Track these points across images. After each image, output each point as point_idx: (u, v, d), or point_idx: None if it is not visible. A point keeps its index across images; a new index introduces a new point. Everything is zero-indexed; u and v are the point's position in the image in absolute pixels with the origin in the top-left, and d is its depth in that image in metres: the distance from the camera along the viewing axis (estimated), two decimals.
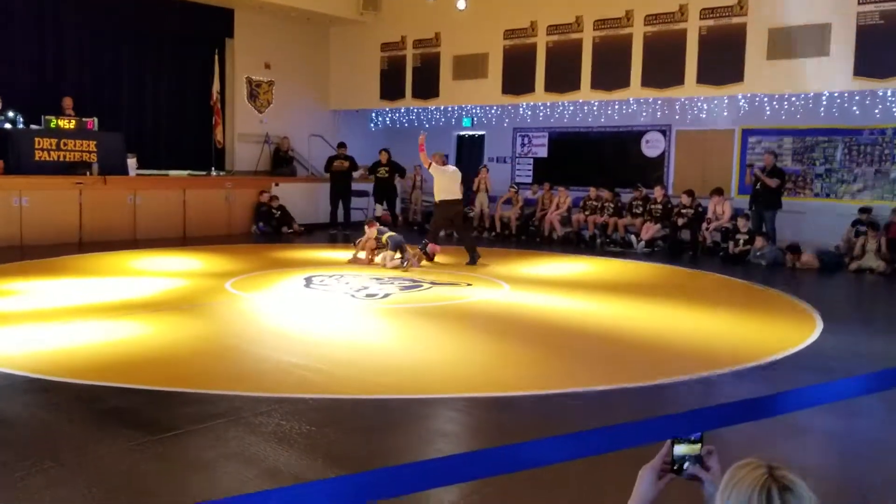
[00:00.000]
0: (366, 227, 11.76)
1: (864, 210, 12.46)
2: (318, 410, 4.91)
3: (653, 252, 13.88)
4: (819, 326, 7.74)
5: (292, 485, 1.46)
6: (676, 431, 1.88)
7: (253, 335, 7.15)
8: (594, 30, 15.16)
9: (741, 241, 12.89)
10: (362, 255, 11.64)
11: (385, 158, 16.93)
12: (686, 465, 1.87)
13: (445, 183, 11.97)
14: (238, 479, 3.81)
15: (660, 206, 14.34)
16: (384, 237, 11.44)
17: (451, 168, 12.39)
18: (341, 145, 17.05)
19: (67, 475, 3.81)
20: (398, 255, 11.22)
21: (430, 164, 12.05)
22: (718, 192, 13.87)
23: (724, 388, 5.68)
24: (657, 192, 14.54)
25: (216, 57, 16.55)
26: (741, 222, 13.09)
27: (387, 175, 16.95)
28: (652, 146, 16.00)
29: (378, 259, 11.39)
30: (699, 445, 1.88)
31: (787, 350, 6.76)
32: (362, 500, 1.28)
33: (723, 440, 2.37)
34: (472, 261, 11.56)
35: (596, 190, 15.47)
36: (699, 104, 14.96)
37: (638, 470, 1.91)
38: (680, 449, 1.87)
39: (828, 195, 13.80)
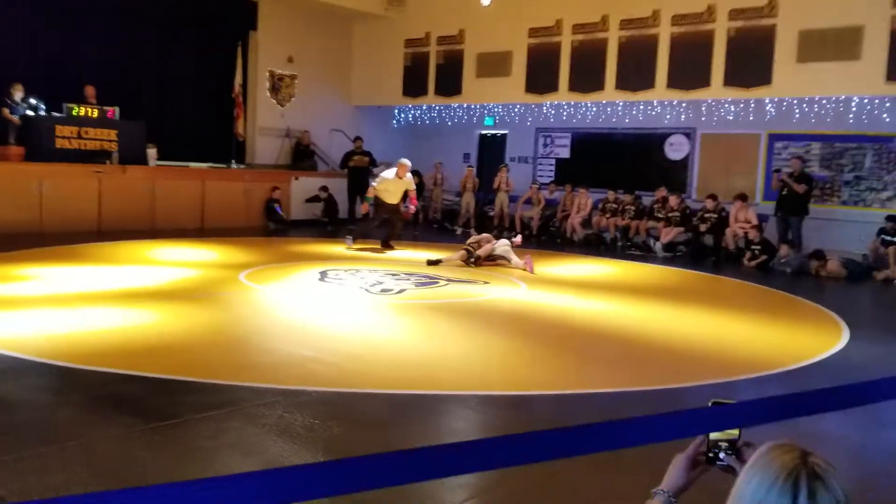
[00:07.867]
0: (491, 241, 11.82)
1: (890, 218, 12.13)
2: (324, 403, 4.79)
3: (674, 256, 13.67)
4: (845, 335, 7.54)
5: (273, 468, 1.33)
6: (683, 430, 1.73)
7: (263, 326, 7.05)
8: (620, 29, 14.97)
9: (755, 252, 12.64)
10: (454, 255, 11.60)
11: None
12: (721, 455, 1.76)
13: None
14: (233, 470, 3.69)
15: (678, 213, 14.11)
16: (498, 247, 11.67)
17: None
18: (358, 139, 16.90)
19: (63, 460, 3.73)
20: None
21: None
22: (742, 197, 13.59)
23: (741, 395, 5.49)
24: (671, 199, 14.28)
25: (239, 49, 16.50)
26: (753, 234, 12.81)
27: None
28: (676, 149, 15.75)
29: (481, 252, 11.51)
30: (737, 435, 1.77)
31: (811, 358, 6.57)
32: (348, 488, 1.16)
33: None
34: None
35: (615, 193, 15.27)
36: (725, 106, 14.71)
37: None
38: (716, 438, 1.77)
39: (856, 203, 13.50)
